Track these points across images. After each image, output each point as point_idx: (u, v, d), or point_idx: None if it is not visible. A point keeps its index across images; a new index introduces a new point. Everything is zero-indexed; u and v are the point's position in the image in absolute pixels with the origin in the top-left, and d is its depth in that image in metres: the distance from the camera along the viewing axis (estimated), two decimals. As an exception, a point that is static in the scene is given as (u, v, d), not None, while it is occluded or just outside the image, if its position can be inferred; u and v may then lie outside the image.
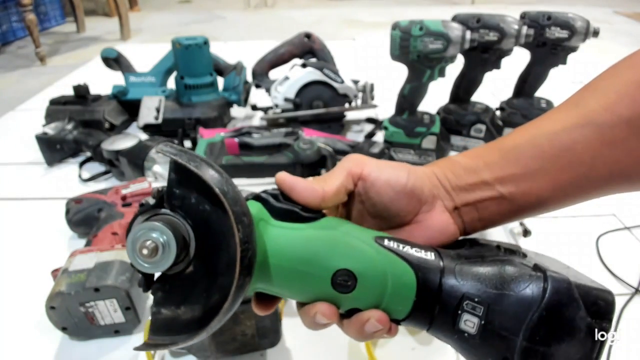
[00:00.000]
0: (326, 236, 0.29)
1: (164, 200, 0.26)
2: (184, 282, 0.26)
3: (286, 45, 1.18)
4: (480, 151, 0.33)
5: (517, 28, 0.94)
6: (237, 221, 0.23)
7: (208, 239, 0.25)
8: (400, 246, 0.29)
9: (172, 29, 2.38)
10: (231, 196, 0.24)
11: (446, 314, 0.28)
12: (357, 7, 2.99)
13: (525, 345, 0.26)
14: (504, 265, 0.28)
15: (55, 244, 0.78)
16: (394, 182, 0.31)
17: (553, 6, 1.30)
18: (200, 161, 0.25)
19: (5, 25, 2.16)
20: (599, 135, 0.29)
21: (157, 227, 0.24)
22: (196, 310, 0.25)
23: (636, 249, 0.76)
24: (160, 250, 0.24)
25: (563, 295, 0.26)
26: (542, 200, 0.31)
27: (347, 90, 1.11)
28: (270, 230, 0.28)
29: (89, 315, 0.56)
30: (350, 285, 0.28)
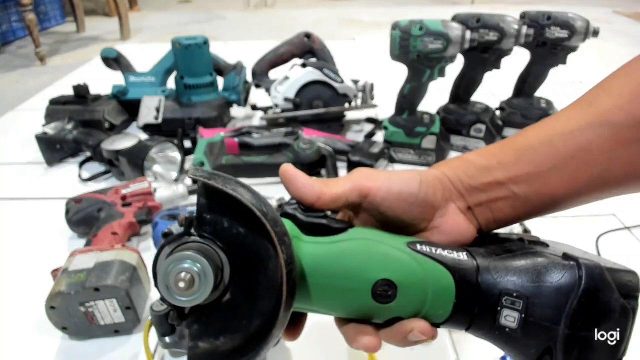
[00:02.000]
0: (360, 247, 0.28)
1: (192, 228, 0.25)
2: (221, 311, 0.24)
3: (286, 45, 1.18)
4: (493, 150, 0.33)
5: (517, 28, 0.94)
6: (280, 242, 0.23)
7: (243, 264, 0.24)
8: (433, 250, 0.29)
9: (172, 29, 2.38)
10: (271, 217, 0.23)
11: (486, 312, 0.28)
12: (357, 7, 2.99)
13: (568, 333, 0.26)
14: (535, 257, 0.28)
15: (55, 244, 0.78)
16: (407, 194, 0.31)
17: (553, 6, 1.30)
18: (235, 184, 0.24)
19: (5, 25, 2.16)
20: (614, 135, 0.29)
21: (189, 257, 0.23)
22: (237, 340, 0.24)
23: (636, 249, 0.76)
24: (197, 280, 0.22)
25: (598, 281, 0.27)
26: (557, 199, 0.31)
27: (347, 90, 1.11)
28: (304, 248, 0.28)
29: (89, 315, 0.56)
30: (391, 295, 0.27)
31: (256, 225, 0.23)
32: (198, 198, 0.24)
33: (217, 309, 0.25)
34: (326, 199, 0.30)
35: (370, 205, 0.31)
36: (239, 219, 0.24)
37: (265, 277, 0.24)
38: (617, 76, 0.32)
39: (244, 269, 0.24)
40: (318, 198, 0.30)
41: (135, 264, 0.59)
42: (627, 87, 0.30)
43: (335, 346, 0.58)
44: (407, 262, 0.28)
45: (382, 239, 0.29)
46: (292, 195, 0.30)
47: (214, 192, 0.24)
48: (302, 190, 0.30)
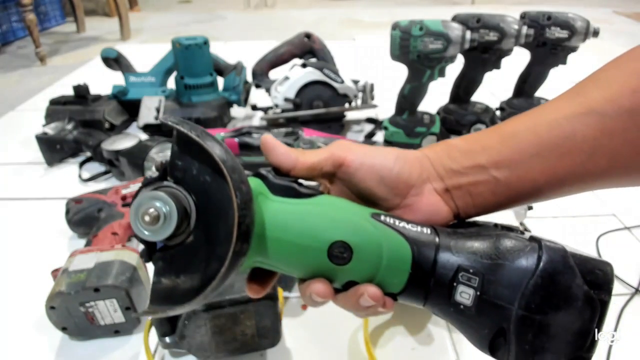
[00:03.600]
0: (322, 210, 0.29)
1: (167, 173, 0.26)
2: (184, 252, 0.26)
3: (286, 45, 1.18)
4: (478, 135, 0.33)
5: (517, 28, 0.94)
6: (235, 188, 0.24)
7: (208, 211, 0.26)
8: (396, 222, 0.30)
9: (172, 29, 2.38)
10: (230, 164, 0.25)
11: (441, 286, 0.28)
12: (357, 7, 2.99)
13: (522, 314, 0.26)
14: (500, 238, 0.28)
15: (55, 244, 0.78)
16: (379, 167, 0.31)
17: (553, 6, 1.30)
18: (202, 132, 0.25)
19: (5, 25, 2.16)
20: (600, 124, 0.29)
21: (160, 197, 0.25)
22: (195, 280, 0.26)
23: (636, 249, 0.76)
24: (162, 219, 0.24)
25: (558, 263, 0.26)
26: (538, 187, 0.31)
27: (347, 90, 1.11)
28: (269, 204, 0.29)
29: (89, 315, 0.56)
30: (346, 257, 0.28)
31: (219, 173, 0.24)
32: (172, 145, 0.26)
33: (181, 249, 0.26)
34: (302, 167, 0.31)
35: (344, 175, 0.32)
36: (205, 166, 0.25)
37: (225, 224, 0.24)
38: (606, 69, 0.32)
39: (207, 215, 0.26)
40: (294, 166, 0.31)
41: (135, 264, 0.59)
42: (614, 78, 0.30)
43: (335, 346, 0.58)
44: (365, 228, 0.29)
45: (347, 206, 0.30)
46: (270, 162, 0.31)
47: (184, 139, 0.25)
48: (279, 157, 0.31)
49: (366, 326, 0.58)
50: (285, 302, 0.64)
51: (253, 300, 0.50)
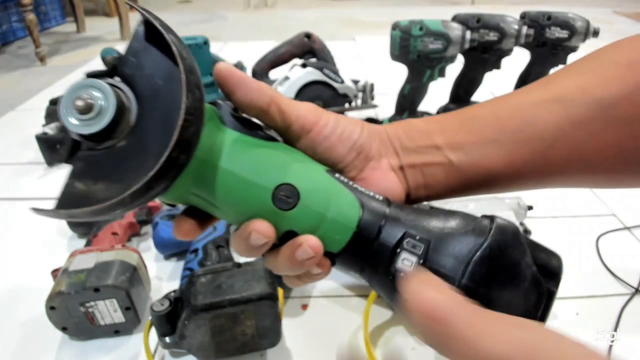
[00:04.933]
0: (277, 153, 0.27)
1: (116, 70, 0.24)
2: (111, 157, 0.23)
3: (286, 45, 1.18)
4: (440, 117, 0.32)
5: (517, 28, 0.94)
6: (188, 89, 0.21)
7: (151, 118, 0.23)
8: (350, 182, 0.29)
9: (173, 29, 2.37)
10: (189, 64, 0.22)
11: (384, 251, 0.26)
12: (357, 7, 2.99)
13: (465, 284, 0.24)
14: (452, 214, 0.27)
15: (55, 244, 0.78)
16: (347, 137, 0.30)
17: (553, 6, 1.30)
18: (165, 25, 0.23)
19: (5, 25, 2.16)
20: (565, 112, 0.28)
21: (100, 87, 0.22)
22: (113, 190, 0.22)
23: (636, 249, 0.76)
24: (95, 110, 0.22)
25: (508, 237, 0.25)
26: (492, 174, 0.30)
27: (347, 90, 1.11)
28: (218, 132, 0.26)
29: (89, 315, 0.56)
30: (291, 202, 0.26)
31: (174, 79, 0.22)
32: (131, 40, 0.24)
33: (108, 154, 0.23)
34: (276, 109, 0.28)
35: (308, 142, 0.30)
36: (161, 67, 0.23)
37: (166, 133, 0.21)
38: (582, 59, 0.31)
39: (148, 123, 0.23)
40: (269, 105, 0.28)
41: (136, 264, 0.59)
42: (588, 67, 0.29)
43: (335, 346, 0.58)
44: (318, 178, 0.28)
45: (304, 157, 0.29)
46: (238, 101, 0.28)
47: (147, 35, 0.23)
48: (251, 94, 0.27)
49: (366, 326, 0.58)
50: (285, 302, 0.64)
51: (253, 300, 0.50)
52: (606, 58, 0.29)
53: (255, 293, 0.50)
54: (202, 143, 0.24)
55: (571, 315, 0.63)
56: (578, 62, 0.31)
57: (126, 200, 0.21)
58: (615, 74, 0.28)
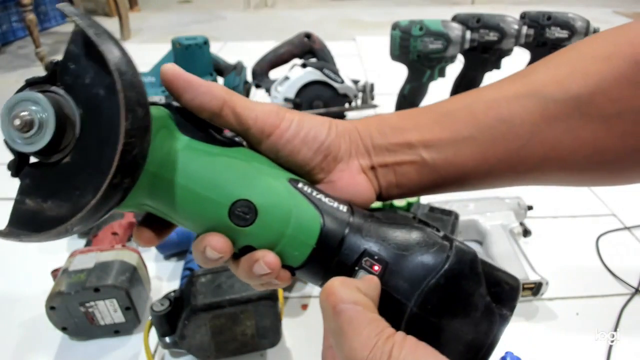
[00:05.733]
0: (235, 163, 0.26)
1: (56, 76, 0.22)
2: (58, 173, 0.22)
3: (286, 45, 1.18)
4: (413, 112, 0.31)
5: (517, 28, 0.94)
6: (127, 108, 0.20)
7: (95, 130, 0.21)
8: (313, 192, 0.27)
9: (172, 29, 2.37)
10: (128, 79, 0.20)
11: (343, 268, 0.26)
12: (357, 7, 2.99)
13: (415, 312, 0.24)
14: (412, 229, 0.26)
15: (55, 244, 0.77)
16: (312, 139, 0.28)
17: (553, 6, 1.30)
18: (104, 32, 0.21)
19: (5, 25, 2.16)
20: (541, 108, 0.27)
21: (38, 100, 0.21)
22: (63, 208, 0.21)
23: (636, 249, 0.76)
24: (35, 127, 0.21)
25: (465, 266, 0.25)
26: (466, 173, 0.29)
27: (347, 90, 1.11)
28: (172, 142, 0.25)
29: (89, 315, 0.56)
30: (249, 219, 0.25)
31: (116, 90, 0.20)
32: (68, 43, 0.22)
33: (55, 170, 0.22)
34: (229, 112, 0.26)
35: (270, 147, 0.28)
36: (101, 76, 0.21)
37: (111, 151, 0.20)
38: (561, 52, 0.30)
39: (93, 136, 0.21)
40: (220, 109, 0.26)
41: (135, 264, 0.59)
42: (566, 60, 0.28)
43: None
44: (277, 191, 0.26)
45: (264, 165, 0.27)
46: (188, 105, 0.26)
47: (85, 40, 0.21)
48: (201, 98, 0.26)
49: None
50: (285, 302, 0.64)
51: (253, 300, 0.50)
52: (584, 51, 0.28)
53: (255, 293, 0.50)
54: (154, 156, 0.23)
55: (571, 315, 0.63)
56: (556, 55, 0.30)
57: (71, 227, 0.21)
58: (592, 67, 0.27)
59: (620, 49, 0.27)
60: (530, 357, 0.55)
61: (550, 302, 0.64)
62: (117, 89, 0.20)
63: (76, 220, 0.21)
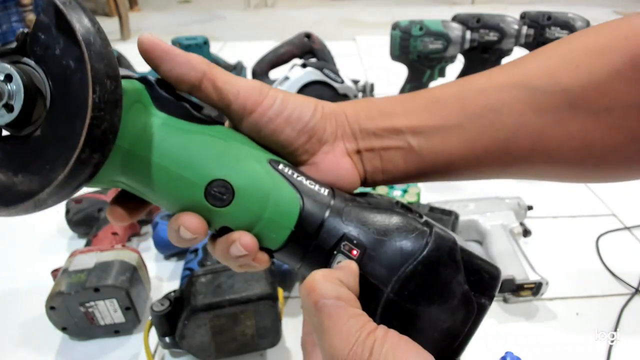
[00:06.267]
0: (213, 142, 0.25)
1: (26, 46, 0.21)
2: (28, 147, 0.22)
3: (286, 45, 1.18)
4: (403, 97, 0.30)
5: (517, 28, 0.94)
6: (95, 81, 0.19)
7: (65, 103, 0.21)
8: (294, 174, 0.27)
9: (172, 29, 2.38)
10: (97, 50, 0.20)
11: (321, 251, 0.26)
12: (357, 7, 2.99)
13: (391, 298, 0.24)
14: (393, 214, 0.26)
15: (55, 243, 0.78)
16: (296, 119, 0.28)
17: (553, 6, 1.31)
18: (74, 1, 0.20)
19: (6, 25, 2.16)
20: (530, 98, 0.27)
21: (9, 72, 0.20)
22: (34, 182, 0.21)
23: (636, 249, 0.76)
24: (5, 98, 0.20)
25: (443, 253, 0.24)
26: (452, 161, 0.29)
27: (347, 90, 1.11)
28: (146, 118, 0.24)
29: (89, 315, 0.56)
30: (225, 200, 0.25)
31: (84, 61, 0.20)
32: (39, 13, 0.21)
33: (25, 143, 0.22)
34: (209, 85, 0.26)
35: (252, 124, 0.27)
36: (71, 48, 0.20)
37: (80, 124, 0.20)
38: (552, 45, 0.29)
39: (63, 109, 0.21)
40: (200, 81, 0.25)
41: (135, 264, 0.59)
42: (557, 52, 0.28)
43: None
44: (256, 172, 0.25)
45: (244, 145, 0.26)
46: (166, 77, 0.25)
47: (55, 10, 0.20)
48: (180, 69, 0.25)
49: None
50: (285, 302, 0.64)
51: (253, 300, 0.50)
52: (577, 44, 0.28)
53: (255, 293, 0.50)
54: (126, 131, 0.23)
55: (571, 315, 0.63)
56: (548, 47, 0.29)
57: (40, 201, 0.21)
58: (584, 61, 0.26)
59: (614, 42, 0.26)
60: (530, 357, 0.55)
61: (550, 302, 0.64)
62: (84, 60, 0.19)
63: (45, 195, 0.20)
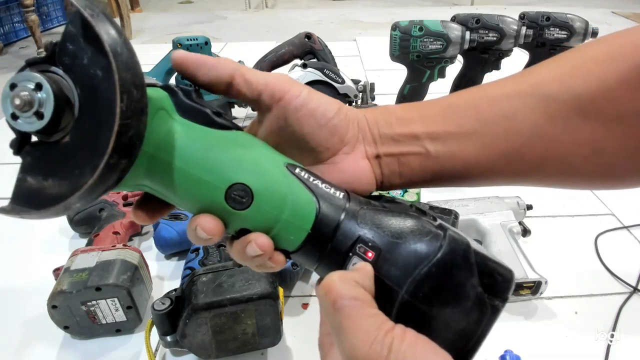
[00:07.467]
0: (233, 147, 0.26)
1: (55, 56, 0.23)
2: (58, 152, 0.23)
3: (287, 46, 1.19)
4: (420, 104, 0.31)
5: (516, 28, 0.94)
6: (122, 90, 0.20)
7: (93, 111, 0.22)
8: (310, 178, 0.28)
9: (174, 29, 2.38)
10: (124, 60, 0.21)
11: (337, 253, 0.26)
12: (357, 7, 2.99)
13: (406, 300, 0.24)
14: (407, 217, 0.27)
15: (57, 243, 0.78)
16: (320, 113, 0.29)
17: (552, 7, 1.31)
18: (101, 12, 0.21)
19: (8, 25, 2.16)
20: (542, 106, 0.28)
21: (40, 81, 0.21)
22: (63, 187, 0.22)
23: (634, 248, 0.76)
24: (35, 106, 0.21)
25: (457, 256, 0.25)
26: (468, 167, 0.29)
27: (348, 90, 1.11)
28: (170, 124, 0.25)
29: (91, 314, 0.57)
30: (245, 203, 0.26)
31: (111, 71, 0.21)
32: (67, 24, 0.22)
33: (55, 149, 0.23)
34: (241, 79, 0.28)
35: (280, 112, 0.28)
36: (98, 57, 0.21)
37: (108, 131, 0.21)
38: (565, 53, 0.30)
39: (91, 116, 0.22)
40: (232, 77, 0.27)
41: (137, 263, 0.60)
42: (568, 61, 0.29)
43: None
44: (274, 176, 0.27)
45: (261, 149, 0.28)
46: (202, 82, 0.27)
47: (82, 21, 0.21)
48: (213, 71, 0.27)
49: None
50: (286, 302, 0.64)
51: (254, 299, 0.51)
52: (587, 52, 0.29)
53: (256, 292, 0.51)
54: (151, 137, 0.24)
55: (570, 314, 0.63)
56: (559, 56, 0.30)
57: (70, 204, 0.21)
58: (595, 68, 0.27)
59: (623, 51, 0.27)
60: (529, 355, 0.55)
61: (549, 301, 0.65)
62: (112, 70, 0.20)
63: (74, 199, 0.21)
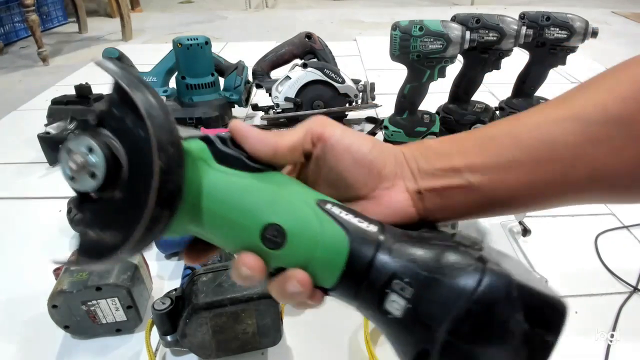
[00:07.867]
0: (265, 188, 0.28)
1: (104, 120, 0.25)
2: (111, 207, 0.25)
3: (287, 46, 1.19)
4: (456, 137, 0.31)
5: (516, 28, 0.94)
6: (159, 149, 0.22)
7: (140, 168, 0.24)
8: (342, 213, 0.27)
9: (174, 29, 2.38)
10: (159, 122, 0.23)
11: (373, 291, 0.26)
12: (357, 7, 2.99)
13: (447, 339, 0.23)
14: (447, 250, 0.26)
15: (58, 242, 0.78)
16: (356, 150, 0.29)
17: (552, 7, 1.31)
18: (137, 82, 0.24)
19: (8, 25, 2.16)
20: (583, 130, 0.27)
21: (90, 146, 0.24)
22: (118, 237, 0.24)
23: (635, 248, 0.76)
24: (89, 168, 0.24)
25: (499, 292, 0.23)
26: (513, 195, 0.29)
27: (348, 90, 1.11)
28: (208, 172, 0.27)
29: (91, 314, 0.57)
30: (279, 242, 0.26)
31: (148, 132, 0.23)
32: (110, 91, 0.25)
33: (109, 204, 0.25)
34: (283, 150, 0.29)
35: (321, 152, 0.30)
36: (138, 119, 0.23)
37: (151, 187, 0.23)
38: (596, 77, 0.30)
39: (137, 173, 0.24)
40: (274, 151, 0.28)
41: (137, 263, 0.60)
42: (604, 85, 0.29)
43: (336, 345, 0.59)
44: (305, 215, 0.27)
45: (293, 187, 0.29)
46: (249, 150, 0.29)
47: (120, 89, 0.24)
48: (256, 146, 0.28)
49: (367, 325, 0.58)
50: (286, 301, 0.64)
51: (254, 299, 0.51)
52: (622, 75, 0.29)
53: (257, 292, 0.51)
54: (191, 187, 0.26)
55: (570, 314, 0.63)
56: (593, 80, 0.30)
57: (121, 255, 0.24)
58: (631, 89, 0.27)
59: None
60: (528, 355, 0.55)
61: (549, 301, 0.65)
62: (148, 132, 0.22)
63: (127, 250, 0.24)
